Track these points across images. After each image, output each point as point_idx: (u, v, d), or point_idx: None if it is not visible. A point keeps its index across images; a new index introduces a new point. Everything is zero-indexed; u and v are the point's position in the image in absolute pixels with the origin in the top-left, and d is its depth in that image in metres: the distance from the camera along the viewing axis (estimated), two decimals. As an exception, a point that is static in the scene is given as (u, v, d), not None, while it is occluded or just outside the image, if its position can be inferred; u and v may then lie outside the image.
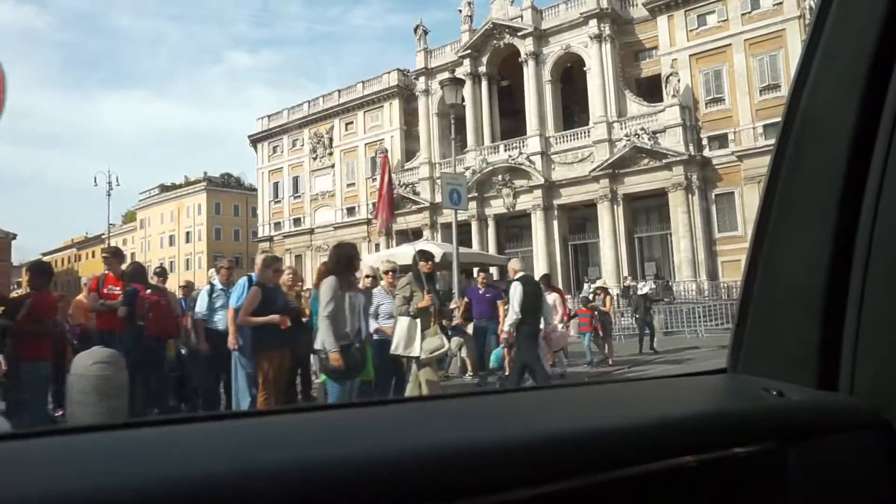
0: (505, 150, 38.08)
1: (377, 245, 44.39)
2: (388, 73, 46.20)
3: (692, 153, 32.34)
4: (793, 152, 1.05)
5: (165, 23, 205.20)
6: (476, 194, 38.68)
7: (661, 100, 33.99)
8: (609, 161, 34.04)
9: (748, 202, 32.00)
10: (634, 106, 35.16)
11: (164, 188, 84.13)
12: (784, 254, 1.04)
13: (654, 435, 0.79)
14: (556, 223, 36.65)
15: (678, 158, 32.13)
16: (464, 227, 40.55)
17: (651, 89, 35.99)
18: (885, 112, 0.92)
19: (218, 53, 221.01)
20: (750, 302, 1.08)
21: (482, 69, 40.21)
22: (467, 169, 39.33)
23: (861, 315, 0.92)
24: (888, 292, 0.90)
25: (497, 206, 38.59)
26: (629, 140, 33.54)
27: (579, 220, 37.22)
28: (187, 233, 76.63)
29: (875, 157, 0.92)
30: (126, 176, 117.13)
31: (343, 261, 5.73)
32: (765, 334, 1.06)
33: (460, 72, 40.56)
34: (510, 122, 40.37)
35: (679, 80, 33.00)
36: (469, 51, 40.07)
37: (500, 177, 37.85)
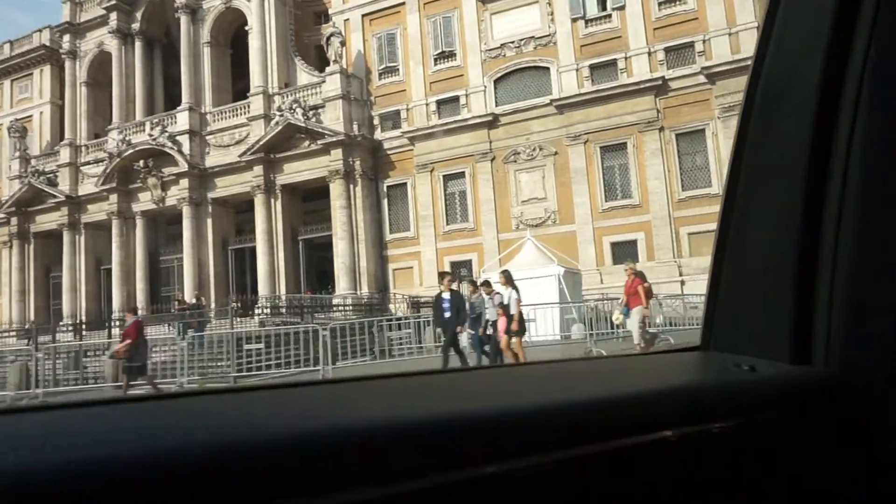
0: (151, 129, 29.60)
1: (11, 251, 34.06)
2: (40, 30, 36.03)
3: (353, 133, 25.82)
4: (758, 120, 0.99)
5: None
6: (116, 184, 29.89)
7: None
8: (262, 142, 26.71)
9: (420, 196, 26.04)
10: (305, 76, 28.19)
11: None
12: (753, 226, 0.99)
13: (627, 410, 0.79)
14: (209, 221, 28.71)
15: (335, 139, 25.48)
16: (103, 228, 31.49)
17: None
18: (849, 70, 0.87)
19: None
20: (720, 278, 1.03)
21: (136, 26, 31.48)
22: (107, 153, 30.46)
23: (833, 284, 0.88)
24: (860, 261, 0.87)
25: (147, 201, 29.96)
26: (282, 116, 26.45)
27: (249, 220, 29.52)
28: None
29: (841, 119, 0.88)
30: None
31: None
32: (736, 310, 1.02)
33: (106, 30, 31.70)
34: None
35: (342, 43, 26.45)
36: (116, 2, 31.19)
37: (142, 162, 29.27)
